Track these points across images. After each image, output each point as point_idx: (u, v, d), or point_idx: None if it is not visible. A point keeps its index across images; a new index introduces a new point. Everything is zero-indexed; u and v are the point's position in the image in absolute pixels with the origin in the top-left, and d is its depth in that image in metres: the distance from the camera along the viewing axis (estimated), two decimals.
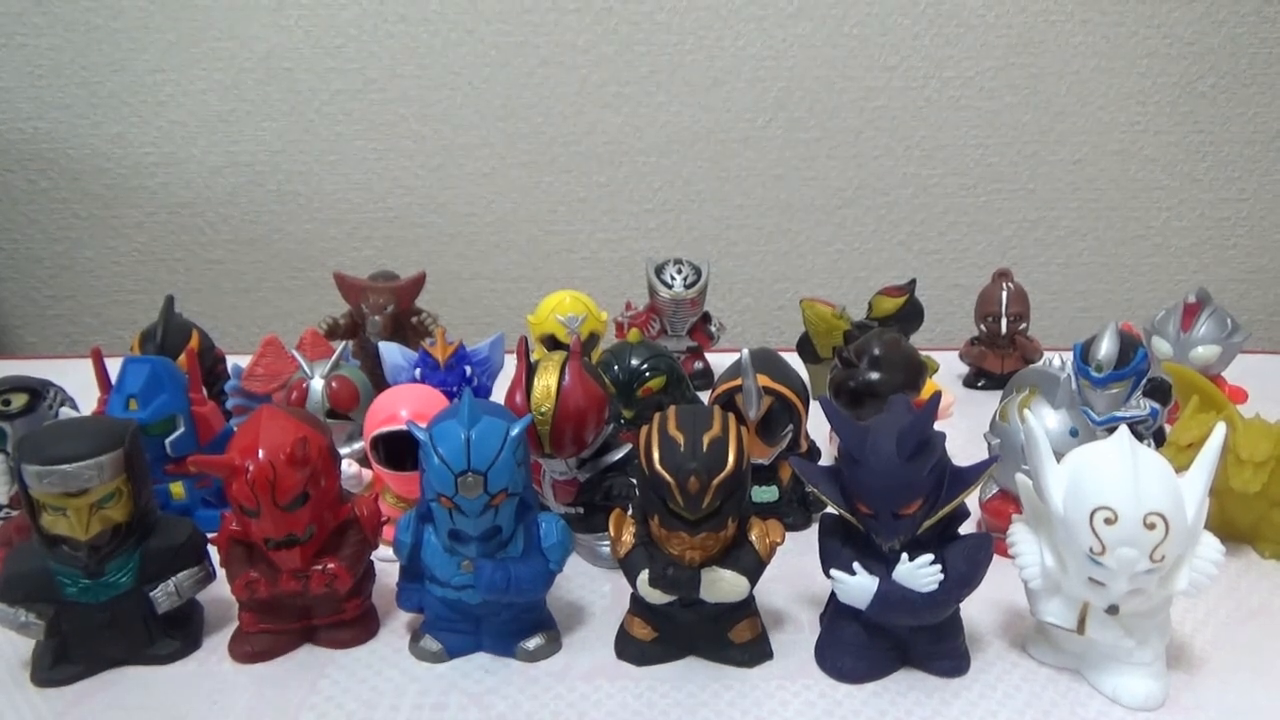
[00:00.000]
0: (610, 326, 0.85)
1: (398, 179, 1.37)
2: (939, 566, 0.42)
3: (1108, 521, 0.39)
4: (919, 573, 0.42)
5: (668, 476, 0.41)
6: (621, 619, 0.48)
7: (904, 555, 0.42)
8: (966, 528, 0.45)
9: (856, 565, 0.43)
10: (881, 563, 0.43)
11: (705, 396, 0.65)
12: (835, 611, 0.46)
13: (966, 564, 0.43)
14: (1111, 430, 0.46)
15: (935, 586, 0.42)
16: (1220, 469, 0.50)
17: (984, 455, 0.52)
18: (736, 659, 0.46)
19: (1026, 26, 1.31)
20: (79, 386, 0.66)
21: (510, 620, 0.47)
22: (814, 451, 0.63)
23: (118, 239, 1.40)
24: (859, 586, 0.43)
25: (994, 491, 0.58)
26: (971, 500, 0.50)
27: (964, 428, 0.72)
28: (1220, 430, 0.43)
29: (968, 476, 0.42)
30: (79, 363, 0.69)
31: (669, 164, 1.37)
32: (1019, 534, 0.45)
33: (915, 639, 0.45)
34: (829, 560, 0.45)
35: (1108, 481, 0.39)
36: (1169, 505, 0.39)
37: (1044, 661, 0.46)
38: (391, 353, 0.66)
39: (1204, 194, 1.38)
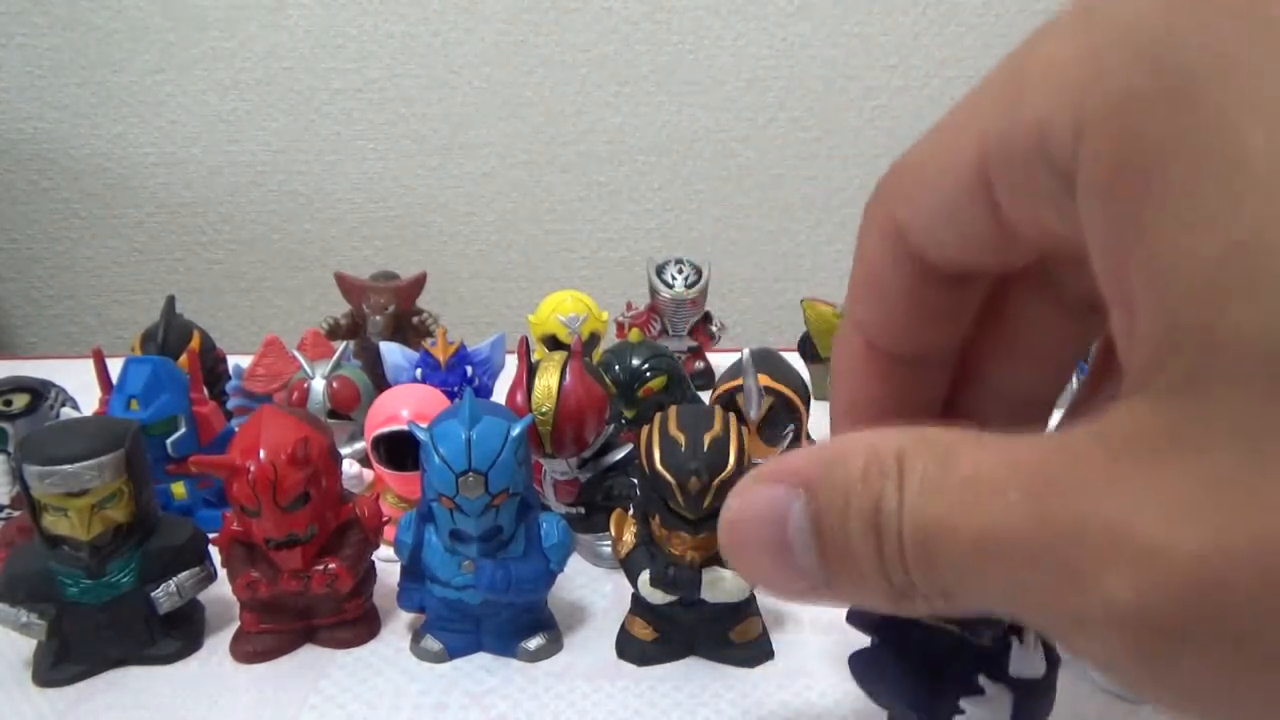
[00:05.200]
0: (611, 326, 0.85)
1: (398, 179, 1.37)
2: None
3: None
4: None
5: (669, 476, 0.41)
6: (622, 619, 0.48)
7: None
8: None
9: None
10: None
11: (706, 396, 0.65)
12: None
13: None
14: None
15: None
16: None
17: None
18: (738, 659, 0.46)
19: (1026, 26, 1.31)
20: (79, 386, 0.66)
21: (511, 620, 0.47)
22: None
23: (118, 239, 1.40)
24: None
25: None
26: None
27: None
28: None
29: None
30: (79, 363, 0.69)
31: (669, 164, 1.37)
32: None
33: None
34: None
35: None
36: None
37: None
38: (393, 353, 0.66)
39: None
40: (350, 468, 0.59)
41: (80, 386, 0.65)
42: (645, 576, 0.44)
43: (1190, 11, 0.14)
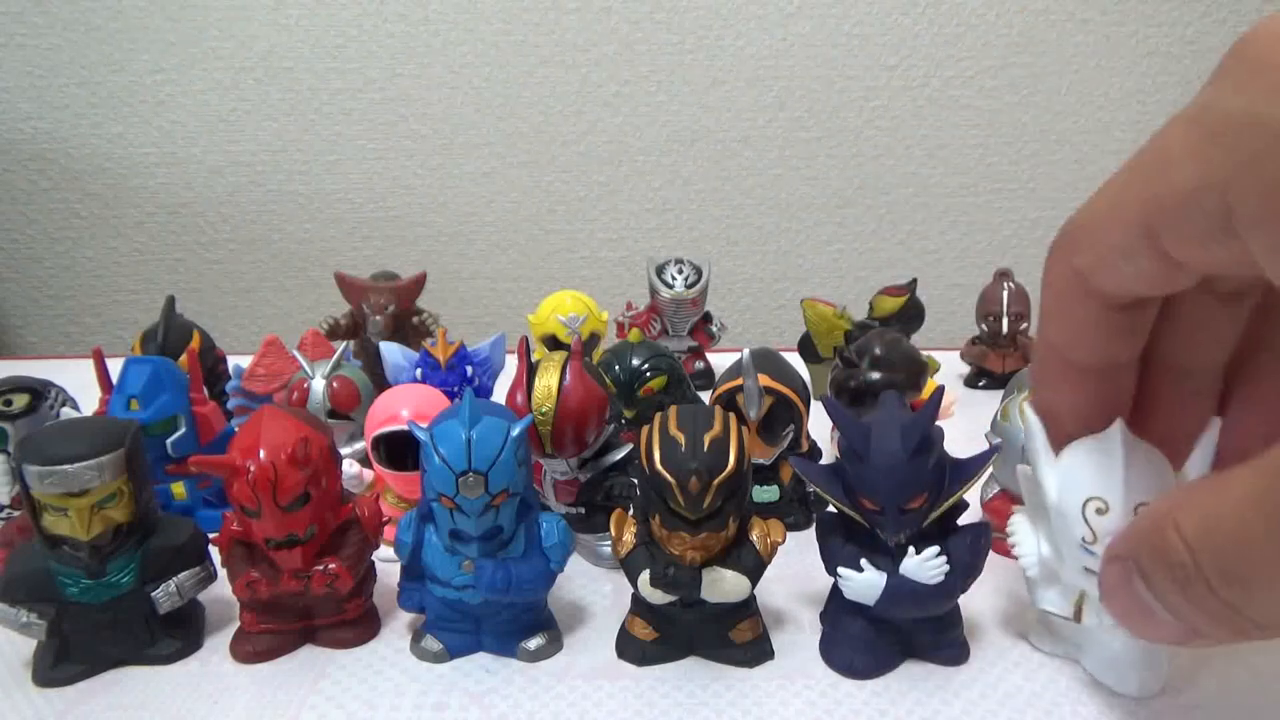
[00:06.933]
0: (611, 326, 0.85)
1: (398, 179, 1.37)
2: (945, 558, 0.42)
3: (1099, 511, 0.39)
4: (926, 565, 0.42)
5: (668, 476, 0.41)
6: (622, 619, 0.48)
7: (910, 549, 0.42)
8: (966, 518, 0.45)
9: (864, 562, 0.43)
10: (886, 557, 0.43)
11: (706, 396, 0.65)
12: (839, 609, 0.47)
13: (970, 554, 0.43)
14: None
15: (942, 578, 0.42)
16: None
17: None
18: (738, 659, 0.46)
19: (1026, 26, 1.31)
20: (79, 386, 0.66)
21: (511, 620, 0.47)
22: (815, 451, 0.63)
23: (118, 239, 1.40)
24: (867, 583, 0.43)
25: (995, 492, 0.58)
26: (972, 496, 0.50)
27: (965, 427, 0.72)
28: (1217, 423, 0.43)
29: (969, 468, 0.43)
30: (79, 363, 0.69)
31: (669, 164, 1.37)
32: (1018, 525, 0.45)
33: (918, 631, 0.45)
34: (834, 558, 0.45)
35: (1099, 472, 0.39)
36: (1160, 495, 0.39)
37: (1045, 651, 0.46)
38: (392, 353, 0.66)
39: None
40: (350, 468, 0.59)
41: (80, 386, 0.65)
42: (645, 576, 0.44)
43: (1268, 98, 0.23)
